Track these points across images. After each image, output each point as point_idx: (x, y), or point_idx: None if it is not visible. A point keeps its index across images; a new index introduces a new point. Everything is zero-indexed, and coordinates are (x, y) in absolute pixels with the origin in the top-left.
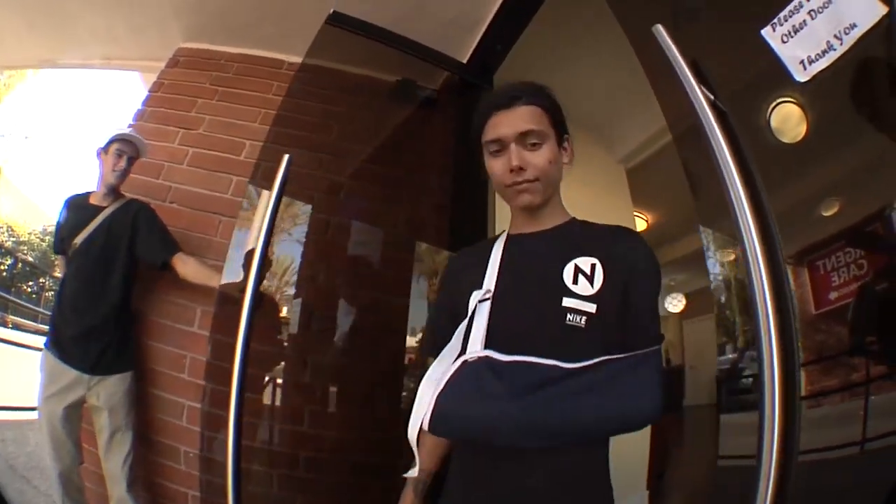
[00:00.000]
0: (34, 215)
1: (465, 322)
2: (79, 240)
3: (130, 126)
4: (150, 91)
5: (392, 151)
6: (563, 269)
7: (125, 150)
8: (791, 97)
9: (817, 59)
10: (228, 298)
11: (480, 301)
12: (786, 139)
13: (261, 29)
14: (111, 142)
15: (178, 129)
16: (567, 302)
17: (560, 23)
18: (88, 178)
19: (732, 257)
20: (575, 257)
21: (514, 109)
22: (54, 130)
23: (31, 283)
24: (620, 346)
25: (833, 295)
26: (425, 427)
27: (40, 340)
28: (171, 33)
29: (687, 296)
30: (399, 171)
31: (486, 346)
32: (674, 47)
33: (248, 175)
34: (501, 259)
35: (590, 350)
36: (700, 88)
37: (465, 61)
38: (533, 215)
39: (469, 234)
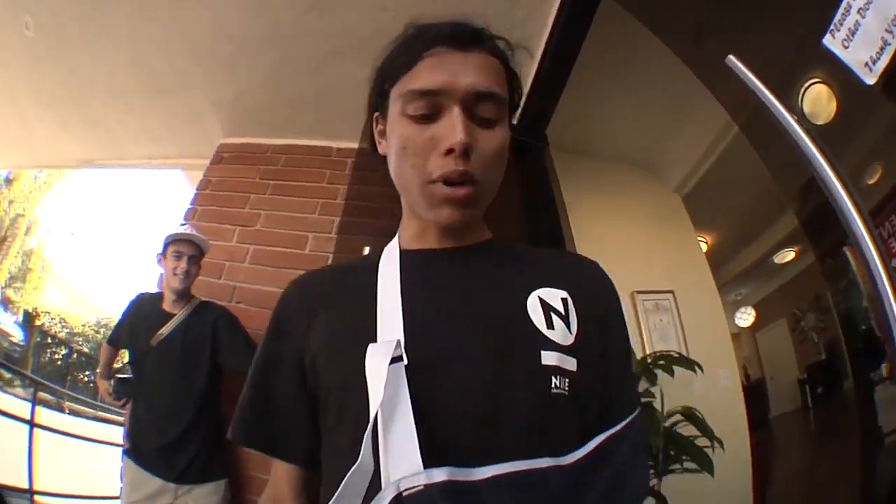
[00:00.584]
0: (85, 307)
1: (372, 418)
2: (155, 343)
3: (184, 224)
4: (197, 189)
5: None
6: (525, 304)
7: (184, 250)
8: (818, 77)
9: (878, 58)
10: None
11: (391, 363)
12: (820, 121)
13: (301, 118)
14: (167, 245)
15: (234, 226)
16: (547, 358)
17: (594, 63)
18: (137, 272)
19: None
20: (534, 287)
21: (470, 54)
22: (99, 225)
23: (87, 373)
24: (597, 415)
25: None
26: None
27: (98, 428)
28: (211, 129)
29: (755, 307)
30: None
31: (423, 454)
32: (753, 77)
33: None
34: (403, 286)
35: (568, 426)
36: (790, 114)
37: (513, 122)
38: (449, 229)
39: None
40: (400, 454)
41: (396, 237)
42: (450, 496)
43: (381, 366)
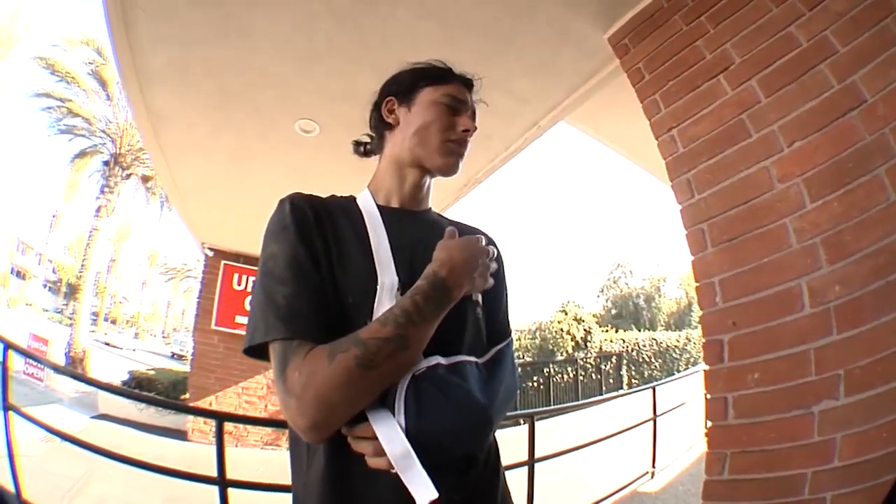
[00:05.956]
0: None
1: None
2: None
3: None
4: (643, 93)
5: None
6: None
7: None
8: None
9: None
10: None
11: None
12: None
13: None
14: None
15: (712, 79)
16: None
17: None
18: None
19: None
20: None
21: (469, 95)
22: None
23: None
24: (493, 336)
25: None
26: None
27: None
28: (579, 43)
29: None
30: None
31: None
32: None
33: None
34: (388, 239)
35: (483, 340)
36: None
37: None
38: (420, 190)
39: None
40: None
41: (368, 192)
42: (436, 372)
43: (387, 296)
